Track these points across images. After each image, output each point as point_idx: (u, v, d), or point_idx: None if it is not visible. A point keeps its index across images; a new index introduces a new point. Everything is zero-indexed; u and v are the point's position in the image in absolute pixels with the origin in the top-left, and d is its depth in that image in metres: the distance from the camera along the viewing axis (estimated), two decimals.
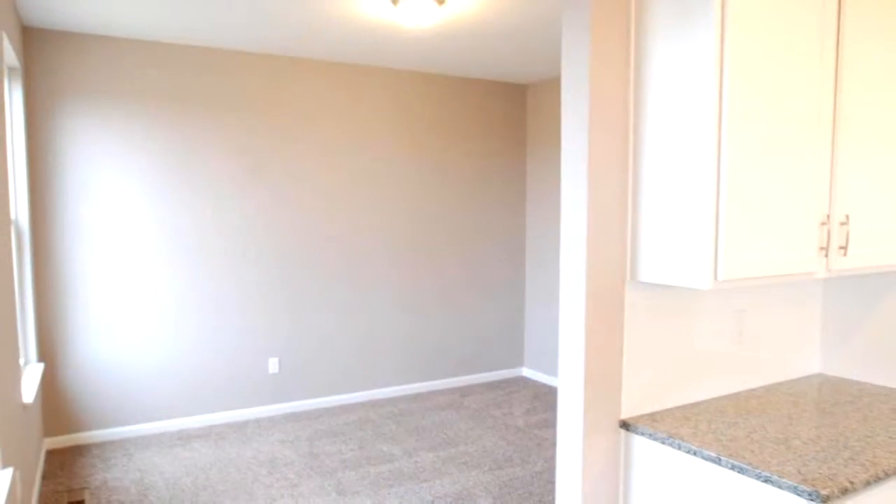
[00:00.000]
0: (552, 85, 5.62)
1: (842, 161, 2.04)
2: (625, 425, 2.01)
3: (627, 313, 2.01)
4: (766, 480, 1.62)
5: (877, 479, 1.64)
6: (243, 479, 3.77)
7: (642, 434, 1.95)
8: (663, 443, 1.89)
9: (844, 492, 1.56)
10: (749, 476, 1.66)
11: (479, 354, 5.82)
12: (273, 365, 4.90)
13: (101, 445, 4.29)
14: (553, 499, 3.50)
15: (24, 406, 3.13)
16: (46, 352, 4.18)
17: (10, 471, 2.31)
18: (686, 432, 1.90)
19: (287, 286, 4.91)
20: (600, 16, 1.89)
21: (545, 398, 5.32)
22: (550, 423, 4.69)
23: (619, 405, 2.03)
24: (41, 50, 4.07)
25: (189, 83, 4.49)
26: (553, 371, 5.74)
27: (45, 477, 3.80)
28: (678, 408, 2.13)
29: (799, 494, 1.55)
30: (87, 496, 3.55)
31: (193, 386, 4.64)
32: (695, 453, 1.80)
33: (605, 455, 2.01)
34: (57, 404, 4.24)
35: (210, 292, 4.64)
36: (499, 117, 5.78)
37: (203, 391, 4.67)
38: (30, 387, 3.31)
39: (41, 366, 3.90)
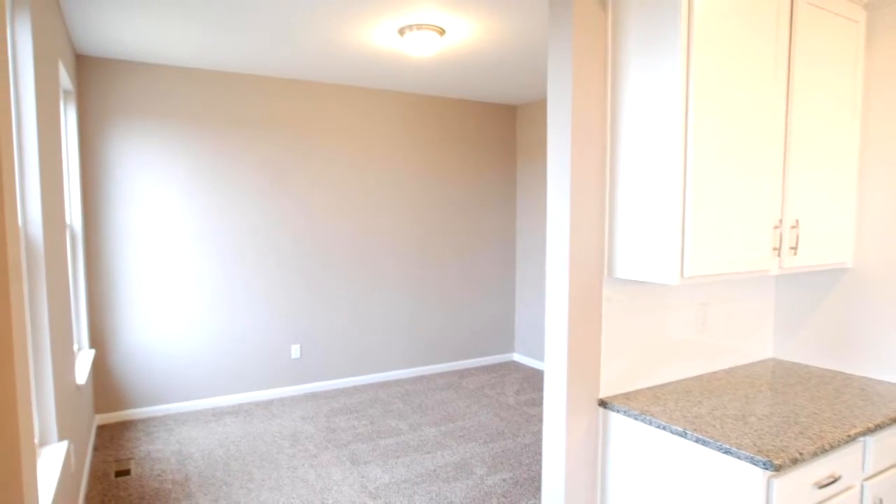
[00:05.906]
0: (539, 106, 5.62)
1: (792, 172, 2.04)
2: (603, 403, 2.01)
3: (605, 306, 2.01)
4: (727, 452, 1.62)
5: (823, 451, 1.64)
6: (269, 450, 3.77)
7: (618, 411, 1.95)
8: (636, 419, 1.89)
9: (795, 462, 1.56)
10: (711, 448, 1.66)
11: (475, 341, 5.82)
12: (295, 351, 4.90)
13: (145, 421, 4.29)
14: (540, 468, 3.49)
15: (78, 387, 3.12)
16: (97, 339, 4.18)
17: (65, 443, 2.31)
18: (656, 410, 1.90)
19: (307, 283, 4.91)
20: (581, 46, 1.89)
21: (533, 380, 5.31)
22: (538, 402, 4.69)
23: (598, 386, 2.03)
24: (93, 75, 4.06)
25: (222, 104, 4.49)
26: (540, 356, 5.74)
27: (95, 449, 3.80)
28: (649, 388, 2.13)
29: (755, 464, 1.55)
30: (132, 465, 3.55)
31: (225, 369, 4.64)
32: (664, 428, 1.80)
33: (586, 430, 2.01)
34: (106, 385, 4.24)
35: (240, 287, 4.64)
36: (492, 134, 5.77)
37: (234, 374, 4.67)
38: (83, 370, 3.31)
39: (92, 351, 3.89)
